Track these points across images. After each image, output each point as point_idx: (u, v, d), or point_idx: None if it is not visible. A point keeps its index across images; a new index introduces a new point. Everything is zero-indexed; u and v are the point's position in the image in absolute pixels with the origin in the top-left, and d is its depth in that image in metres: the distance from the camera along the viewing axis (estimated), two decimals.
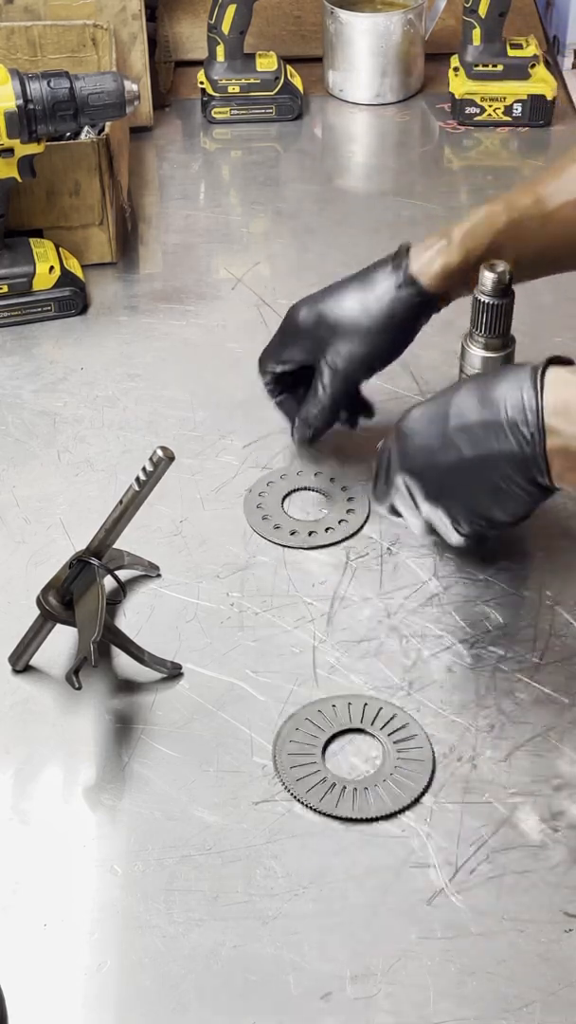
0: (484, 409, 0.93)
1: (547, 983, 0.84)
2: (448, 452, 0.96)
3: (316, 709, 1.01)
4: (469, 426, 0.94)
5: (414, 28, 1.82)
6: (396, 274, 1.11)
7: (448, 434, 0.95)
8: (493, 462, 0.93)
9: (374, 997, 0.84)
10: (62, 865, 0.92)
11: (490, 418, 0.93)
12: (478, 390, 0.95)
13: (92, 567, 1.00)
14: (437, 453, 0.96)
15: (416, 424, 0.99)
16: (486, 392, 0.94)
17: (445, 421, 0.96)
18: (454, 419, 0.95)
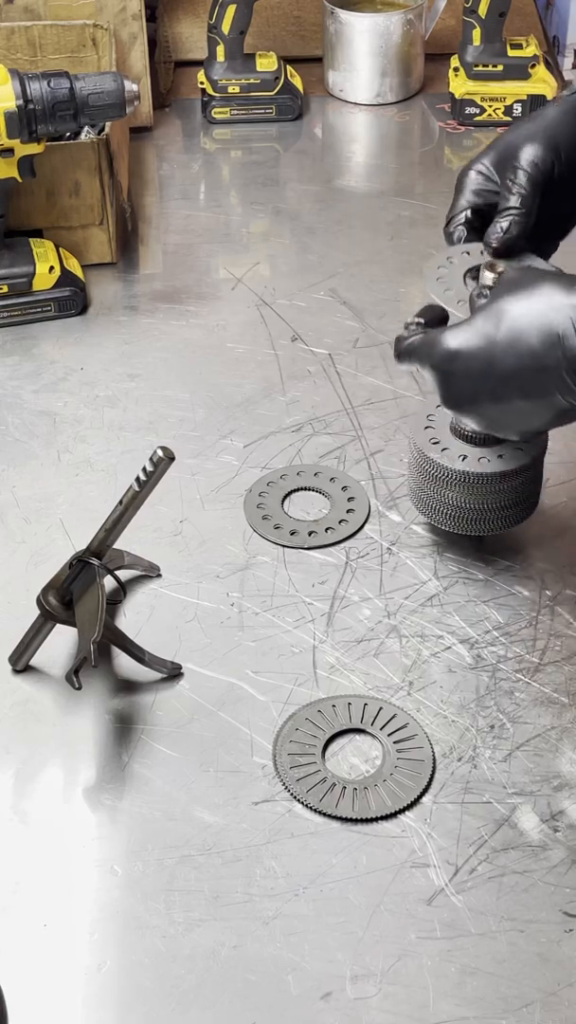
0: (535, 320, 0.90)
1: (547, 983, 0.84)
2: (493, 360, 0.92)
3: (316, 709, 1.01)
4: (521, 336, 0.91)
5: (414, 28, 1.82)
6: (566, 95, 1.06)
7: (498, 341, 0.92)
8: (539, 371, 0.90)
9: (374, 997, 0.84)
10: (62, 865, 0.92)
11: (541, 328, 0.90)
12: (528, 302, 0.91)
13: (92, 567, 1.00)
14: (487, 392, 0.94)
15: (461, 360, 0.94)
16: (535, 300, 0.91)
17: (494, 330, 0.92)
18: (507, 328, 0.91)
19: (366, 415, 1.30)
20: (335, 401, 1.32)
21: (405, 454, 1.21)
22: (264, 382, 1.36)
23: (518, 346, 0.91)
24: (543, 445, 1.11)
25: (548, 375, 0.90)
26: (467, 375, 0.94)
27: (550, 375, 0.89)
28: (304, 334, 1.42)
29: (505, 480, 1.07)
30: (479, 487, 1.07)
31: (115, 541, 1.01)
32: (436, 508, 1.10)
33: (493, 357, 0.92)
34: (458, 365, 0.94)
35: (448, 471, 1.07)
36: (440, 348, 0.95)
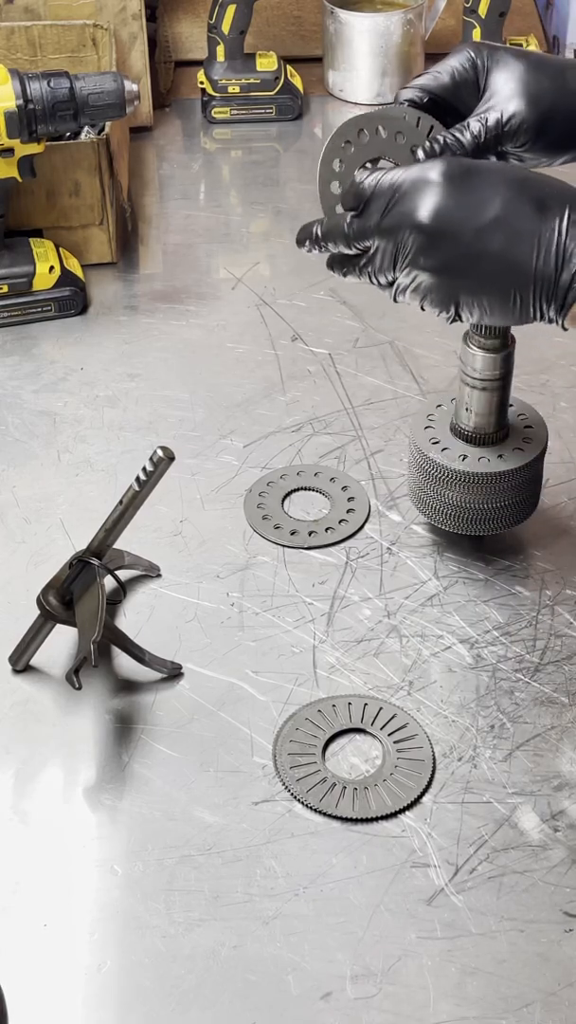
0: (537, 220, 0.84)
1: (547, 983, 0.84)
2: (481, 237, 0.85)
3: (316, 709, 1.01)
4: (517, 227, 0.85)
5: (414, 28, 1.82)
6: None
7: (490, 221, 0.85)
8: (522, 274, 0.85)
9: (374, 997, 0.84)
10: (62, 865, 0.92)
11: (542, 232, 0.84)
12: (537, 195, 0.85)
13: (92, 567, 1.00)
14: (466, 228, 0.85)
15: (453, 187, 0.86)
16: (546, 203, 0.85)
17: (490, 205, 0.85)
18: (503, 210, 0.85)
19: (366, 415, 1.30)
20: (335, 401, 1.32)
21: (405, 454, 1.21)
22: (264, 382, 1.36)
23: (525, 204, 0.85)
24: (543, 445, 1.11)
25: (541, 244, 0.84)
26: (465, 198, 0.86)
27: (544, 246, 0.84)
28: (304, 334, 1.42)
29: (505, 480, 1.07)
30: (479, 487, 1.07)
31: (115, 541, 1.01)
32: (436, 508, 1.10)
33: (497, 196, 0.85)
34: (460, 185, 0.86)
35: (448, 471, 1.07)
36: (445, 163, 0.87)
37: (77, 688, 0.96)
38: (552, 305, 0.86)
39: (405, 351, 1.38)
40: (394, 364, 1.37)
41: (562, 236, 0.84)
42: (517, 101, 0.96)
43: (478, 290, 0.87)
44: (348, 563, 1.14)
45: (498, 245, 0.85)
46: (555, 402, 1.31)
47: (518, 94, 0.96)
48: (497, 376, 1.08)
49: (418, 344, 1.39)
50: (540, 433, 1.11)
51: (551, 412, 1.27)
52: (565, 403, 1.31)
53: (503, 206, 0.85)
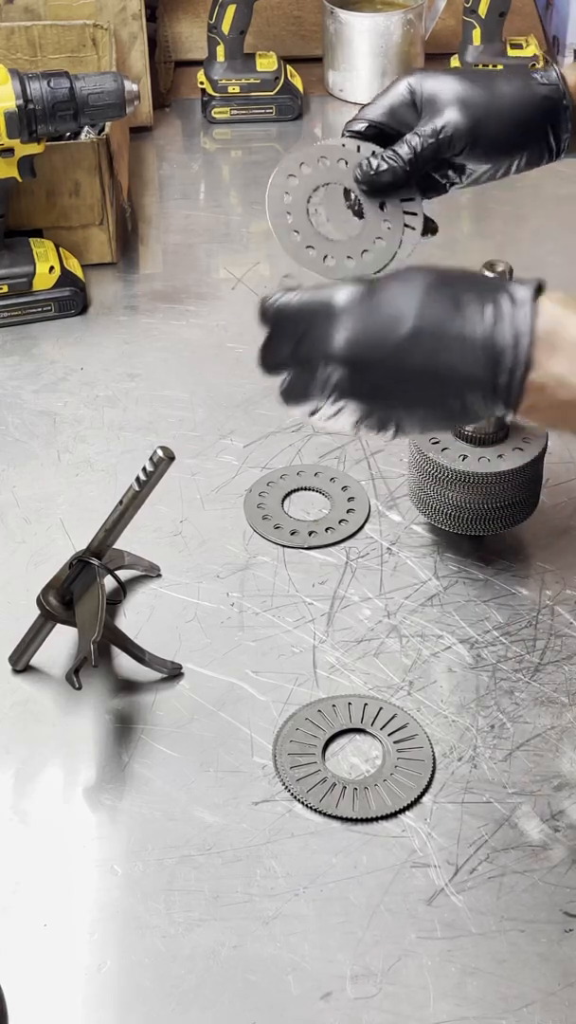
0: (460, 318, 0.78)
1: (547, 983, 0.84)
2: (403, 355, 0.78)
3: (316, 709, 1.01)
4: (439, 334, 0.78)
5: (414, 28, 1.82)
6: (535, 75, 1.00)
7: (408, 335, 0.78)
8: (457, 383, 0.78)
9: (374, 997, 0.84)
10: (62, 865, 0.92)
11: (467, 332, 0.77)
12: (453, 294, 0.79)
13: (92, 567, 1.00)
14: (387, 352, 0.78)
15: (360, 308, 0.79)
16: (462, 297, 0.79)
17: (404, 318, 0.78)
18: (419, 320, 0.78)
19: None
20: None
21: (405, 454, 1.21)
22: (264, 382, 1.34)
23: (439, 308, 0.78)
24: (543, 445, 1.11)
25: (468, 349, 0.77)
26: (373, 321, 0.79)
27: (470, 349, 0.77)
28: None
29: (505, 480, 1.07)
30: (479, 487, 1.07)
31: (115, 541, 1.01)
32: (436, 508, 1.10)
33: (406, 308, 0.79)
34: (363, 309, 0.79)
35: (448, 471, 1.07)
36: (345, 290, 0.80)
37: (77, 688, 0.96)
38: (498, 404, 0.78)
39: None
40: None
41: (487, 333, 0.77)
42: (450, 111, 0.98)
43: (414, 406, 0.80)
44: (348, 563, 1.14)
45: (421, 359, 0.78)
46: None
47: (450, 104, 0.98)
48: None
49: None
50: (540, 433, 1.11)
51: None
52: None
53: (417, 316, 0.78)
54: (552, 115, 0.99)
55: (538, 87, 0.99)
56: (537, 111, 0.99)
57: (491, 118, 0.98)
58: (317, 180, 0.98)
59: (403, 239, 0.98)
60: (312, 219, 0.96)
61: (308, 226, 0.97)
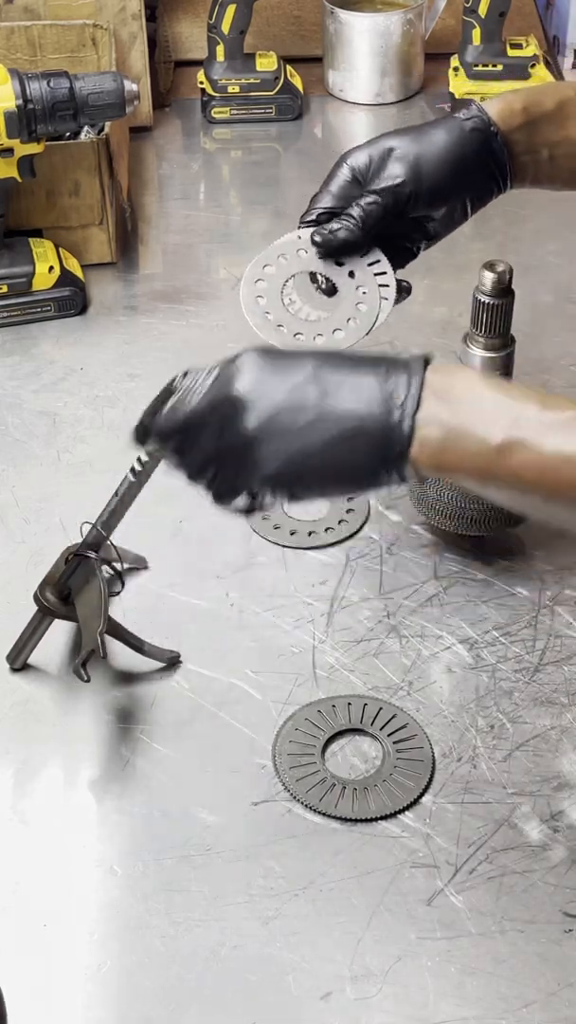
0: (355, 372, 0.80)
1: (547, 983, 0.84)
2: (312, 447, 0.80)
3: (316, 709, 1.01)
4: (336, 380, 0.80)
5: (414, 28, 1.82)
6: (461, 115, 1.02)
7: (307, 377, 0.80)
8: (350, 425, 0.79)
9: (374, 997, 0.84)
10: (62, 865, 0.92)
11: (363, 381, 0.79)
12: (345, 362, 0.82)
13: (90, 560, 1.00)
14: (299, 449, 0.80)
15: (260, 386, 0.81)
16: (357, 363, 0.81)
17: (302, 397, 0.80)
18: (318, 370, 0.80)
19: None
20: None
21: None
22: None
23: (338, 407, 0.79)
24: None
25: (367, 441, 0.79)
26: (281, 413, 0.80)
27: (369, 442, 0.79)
28: None
29: None
30: None
31: (112, 533, 1.01)
32: (436, 508, 1.10)
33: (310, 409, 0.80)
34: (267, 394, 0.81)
35: None
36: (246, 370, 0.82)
37: (86, 680, 0.96)
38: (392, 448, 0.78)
39: (405, 351, 1.37)
40: None
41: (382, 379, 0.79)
42: (390, 167, 1.00)
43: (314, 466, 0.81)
44: (348, 563, 1.14)
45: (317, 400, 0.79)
46: None
47: (388, 162, 1.00)
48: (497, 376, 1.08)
49: (418, 344, 1.39)
50: None
51: None
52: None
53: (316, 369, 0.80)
54: (485, 145, 1.01)
55: (463, 123, 1.01)
56: (470, 144, 1.01)
57: (427, 161, 1.00)
58: (283, 275, 1.01)
59: (381, 297, 1.01)
60: (290, 310, 1.01)
61: (289, 317, 1.00)
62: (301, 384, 0.80)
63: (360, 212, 1.00)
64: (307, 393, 0.80)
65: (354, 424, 0.79)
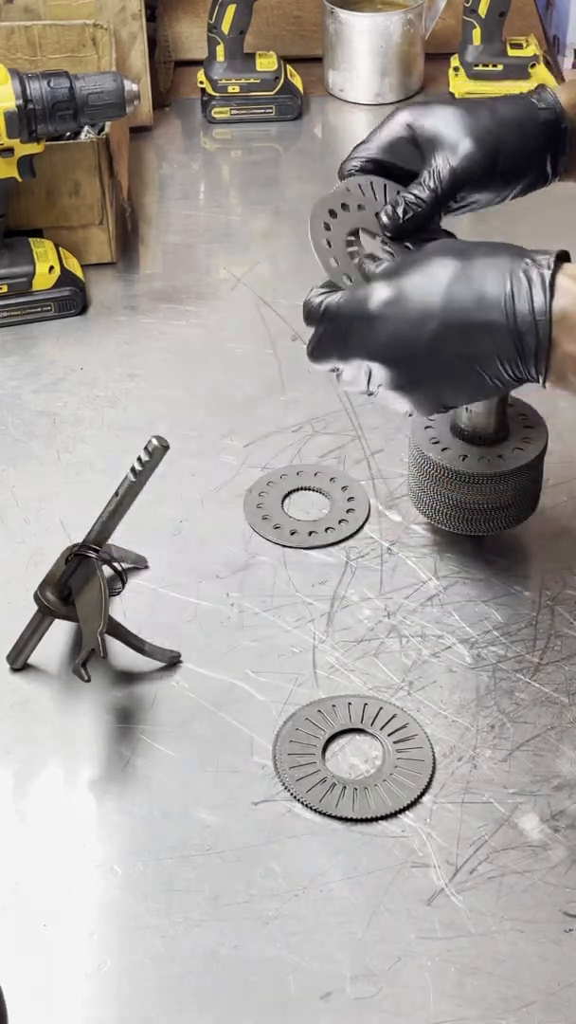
0: (483, 309, 0.84)
1: (547, 983, 0.84)
2: (437, 348, 0.85)
3: (316, 709, 1.01)
4: (466, 328, 0.84)
5: (414, 28, 1.82)
6: (534, 99, 1.00)
7: (435, 329, 0.85)
8: (490, 365, 0.85)
9: (374, 997, 0.84)
10: (62, 865, 0.92)
11: (491, 320, 0.84)
12: (473, 283, 0.85)
13: (91, 559, 1.00)
14: (422, 348, 0.86)
15: (391, 309, 0.87)
16: (483, 287, 0.84)
17: (430, 313, 0.85)
18: (445, 316, 0.85)
19: (366, 415, 1.30)
20: (335, 401, 1.32)
21: (405, 454, 1.21)
22: (264, 382, 1.36)
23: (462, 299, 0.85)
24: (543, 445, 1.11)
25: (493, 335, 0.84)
26: (405, 321, 0.86)
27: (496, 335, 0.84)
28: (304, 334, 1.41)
29: (505, 480, 1.07)
30: (479, 487, 1.07)
31: (112, 533, 1.01)
32: (436, 508, 1.10)
33: (433, 305, 0.85)
34: (395, 310, 0.86)
35: (448, 471, 1.07)
36: (378, 292, 0.88)
37: (86, 680, 0.96)
38: (529, 378, 0.85)
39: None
40: None
41: (510, 320, 0.83)
42: (463, 144, 0.97)
43: (455, 387, 0.88)
44: (348, 563, 1.14)
45: (451, 350, 0.85)
46: (555, 402, 1.30)
47: (461, 138, 0.97)
48: None
49: None
50: (540, 433, 1.11)
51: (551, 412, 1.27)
52: (565, 403, 1.31)
53: (443, 311, 0.85)
54: (554, 139, 0.99)
55: (538, 112, 0.98)
56: (540, 136, 0.98)
57: (502, 147, 0.97)
58: (349, 225, 0.98)
59: None
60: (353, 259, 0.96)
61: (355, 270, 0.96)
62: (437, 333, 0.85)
63: (431, 195, 0.97)
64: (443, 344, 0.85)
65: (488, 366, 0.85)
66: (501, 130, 0.97)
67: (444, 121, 0.98)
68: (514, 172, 0.99)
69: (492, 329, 0.84)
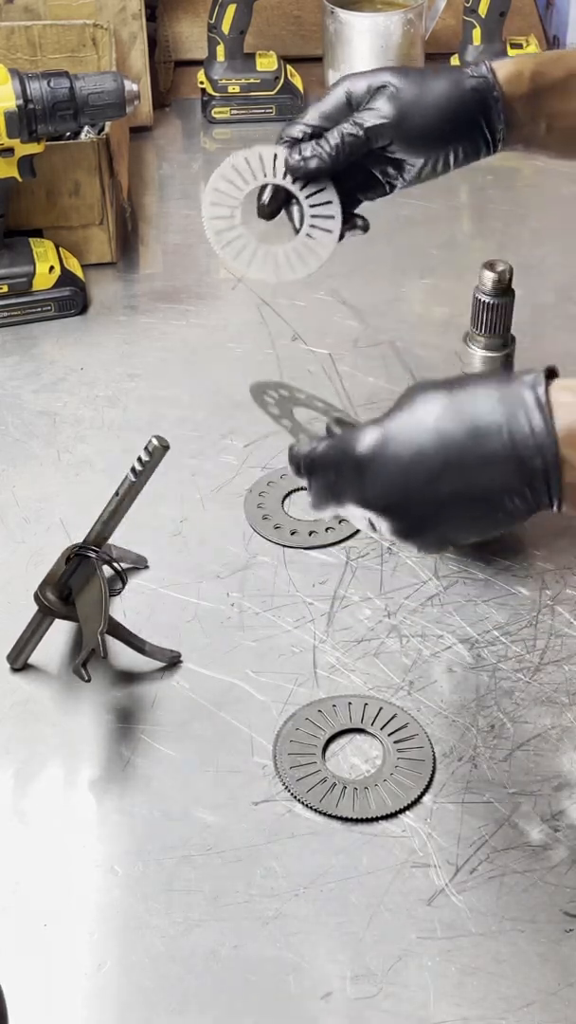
0: (479, 440, 0.77)
1: (547, 983, 0.84)
2: (435, 490, 0.79)
3: (316, 709, 1.01)
4: (463, 464, 0.78)
5: (414, 28, 1.82)
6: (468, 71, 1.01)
7: (434, 474, 0.78)
8: (495, 499, 0.78)
9: (374, 997, 0.84)
10: (62, 865, 0.92)
11: (490, 451, 0.77)
12: (464, 415, 0.78)
13: (91, 559, 1.00)
14: (418, 492, 0.79)
15: (380, 454, 0.80)
16: (476, 417, 0.78)
17: (423, 453, 0.79)
18: (441, 456, 0.78)
19: (366, 415, 1.30)
20: (335, 401, 1.32)
21: None
22: None
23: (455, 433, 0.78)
24: None
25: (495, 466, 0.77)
26: (396, 466, 0.80)
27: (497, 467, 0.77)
28: (304, 334, 1.42)
29: None
30: None
31: (112, 532, 1.01)
32: None
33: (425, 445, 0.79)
34: (384, 455, 0.80)
35: None
36: (364, 437, 0.81)
37: (86, 680, 0.96)
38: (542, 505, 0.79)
39: (405, 351, 1.38)
40: (394, 364, 1.36)
41: (509, 450, 0.76)
42: (377, 102, 0.99)
43: (461, 528, 0.81)
44: (348, 563, 1.14)
45: (452, 490, 0.78)
46: None
47: (379, 97, 1.00)
48: None
49: (418, 344, 1.39)
50: None
51: None
52: None
53: (438, 452, 0.78)
54: (483, 106, 0.99)
55: (467, 79, 0.99)
56: (467, 102, 0.99)
57: (417, 108, 0.99)
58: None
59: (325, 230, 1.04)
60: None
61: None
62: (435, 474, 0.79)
63: (336, 141, 1.00)
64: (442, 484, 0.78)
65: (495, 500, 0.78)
66: (421, 93, 0.99)
67: (371, 84, 1.01)
68: (434, 134, 1.00)
69: (493, 461, 0.77)
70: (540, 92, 1.00)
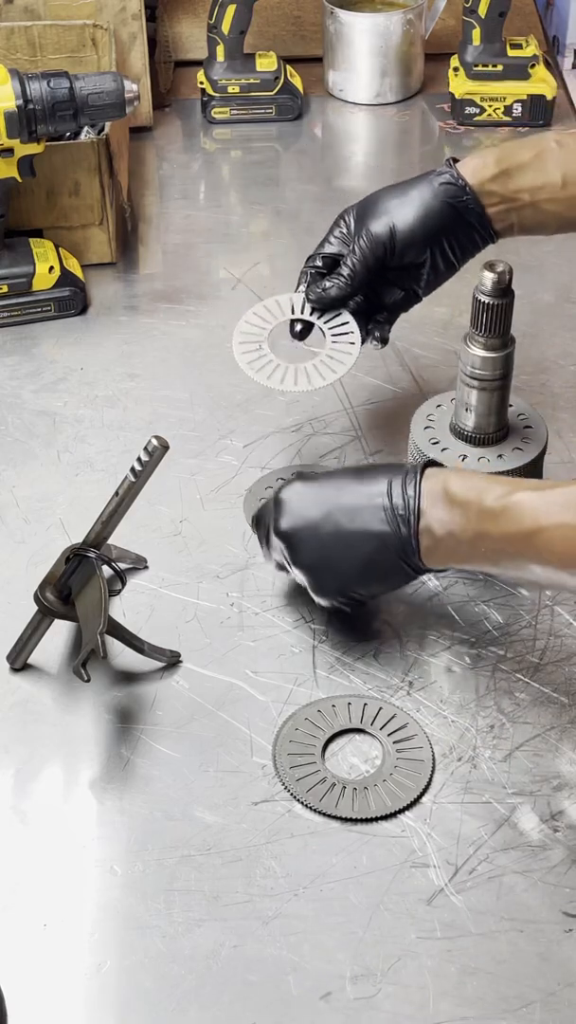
0: (365, 489, 0.99)
1: (547, 983, 0.84)
2: (325, 525, 1.00)
3: (316, 709, 1.01)
4: (350, 505, 0.99)
5: (414, 28, 1.82)
6: (435, 172, 1.13)
7: (329, 509, 1.00)
8: (368, 537, 0.98)
9: (374, 997, 0.84)
10: (62, 865, 0.92)
11: (371, 501, 0.98)
12: (360, 475, 1.01)
13: (90, 559, 1.00)
14: (314, 525, 1.00)
15: (297, 495, 1.02)
16: (368, 478, 1.00)
17: (326, 497, 1.01)
18: (335, 495, 1.01)
19: (366, 415, 1.30)
20: (335, 401, 1.32)
21: (405, 454, 1.21)
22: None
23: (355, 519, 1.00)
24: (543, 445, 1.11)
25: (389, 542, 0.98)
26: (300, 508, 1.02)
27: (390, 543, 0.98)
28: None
29: None
30: None
31: (112, 533, 1.01)
32: None
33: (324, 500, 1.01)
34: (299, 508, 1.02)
35: None
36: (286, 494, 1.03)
37: (86, 680, 0.96)
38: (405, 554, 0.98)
39: (405, 351, 1.38)
40: (394, 364, 1.36)
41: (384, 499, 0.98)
42: (370, 223, 1.12)
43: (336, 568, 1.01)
44: None
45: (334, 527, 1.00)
46: (555, 402, 1.31)
47: (371, 217, 1.12)
48: (497, 376, 1.08)
49: (418, 344, 1.39)
50: (540, 433, 1.11)
51: (551, 412, 1.27)
52: (565, 403, 1.31)
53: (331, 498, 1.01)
54: (455, 200, 1.10)
55: (435, 179, 1.11)
56: (438, 200, 1.10)
57: (400, 217, 1.11)
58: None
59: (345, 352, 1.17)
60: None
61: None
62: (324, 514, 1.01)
63: (348, 271, 1.13)
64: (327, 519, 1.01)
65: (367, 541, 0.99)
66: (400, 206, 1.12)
67: (363, 209, 1.14)
68: (420, 240, 1.11)
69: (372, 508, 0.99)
70: (509, 173, 1.09)
